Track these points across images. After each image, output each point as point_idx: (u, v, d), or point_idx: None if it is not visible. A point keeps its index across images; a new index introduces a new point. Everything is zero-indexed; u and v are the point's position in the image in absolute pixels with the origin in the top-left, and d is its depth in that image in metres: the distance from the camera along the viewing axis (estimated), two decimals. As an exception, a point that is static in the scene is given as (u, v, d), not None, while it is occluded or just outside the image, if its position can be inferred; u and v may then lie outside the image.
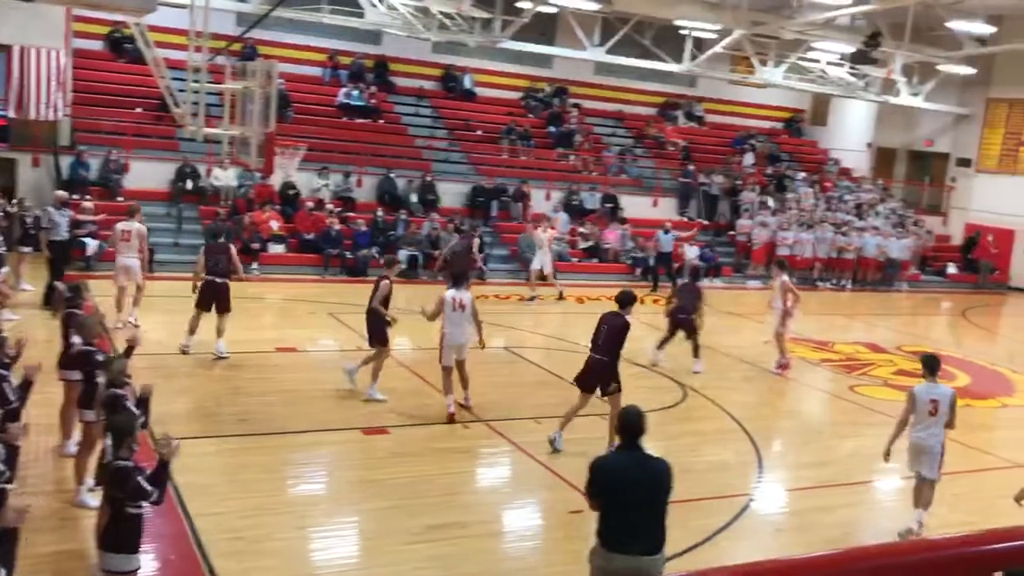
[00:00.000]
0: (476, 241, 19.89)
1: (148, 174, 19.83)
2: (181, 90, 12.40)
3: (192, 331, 12.42)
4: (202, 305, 12.48)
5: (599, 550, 5.45)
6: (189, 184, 19.77)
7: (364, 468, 8.86)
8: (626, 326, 9.74)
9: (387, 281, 11.15)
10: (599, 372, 9.68)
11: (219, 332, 12.40)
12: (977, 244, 26.81)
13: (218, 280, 12.44)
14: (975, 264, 26.66)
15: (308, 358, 13.38)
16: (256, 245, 18.74)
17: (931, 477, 8.35)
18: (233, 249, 12.90)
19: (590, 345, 9.88)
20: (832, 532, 8.38)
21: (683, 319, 13.60)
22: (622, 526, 5.36)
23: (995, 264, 26.55)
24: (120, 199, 19.06)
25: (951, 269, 26.66)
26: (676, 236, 21.93)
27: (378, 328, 11.09)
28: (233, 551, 6.97)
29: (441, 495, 8.36)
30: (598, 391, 9.73)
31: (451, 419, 10.31)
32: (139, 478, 5.55)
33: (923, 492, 8.38)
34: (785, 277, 14.31)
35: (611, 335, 9.70)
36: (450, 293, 10.52)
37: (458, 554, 7.27)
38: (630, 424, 5.59)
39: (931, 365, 8.58)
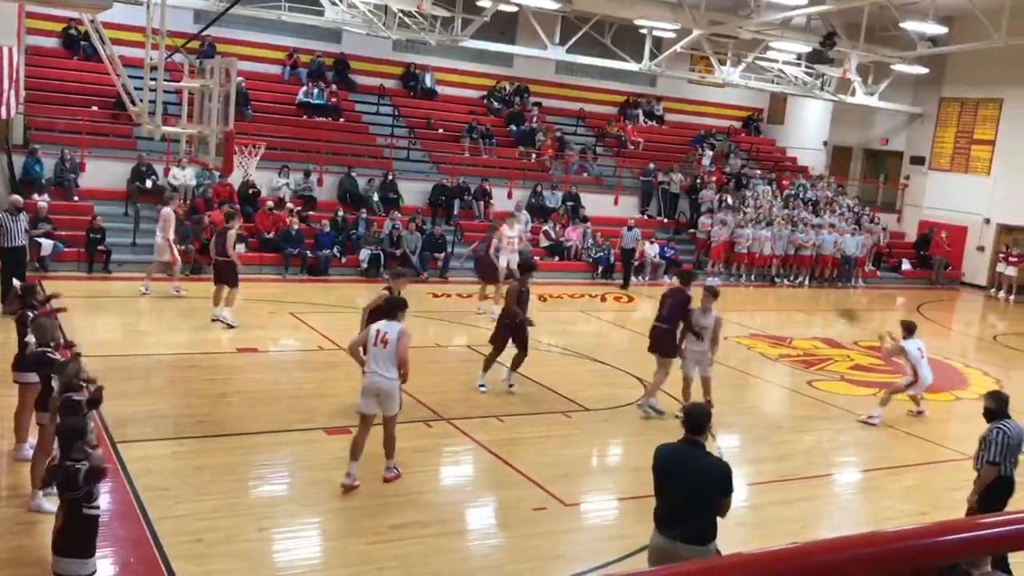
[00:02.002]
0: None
1: (104, 173, 19.54)
2: (138, 88, 12.24)
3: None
4: None
5: (654, 527, 5.87)
6: (147, 183, 19.52)
7: (326, 468, 8.82)
8: (688, 299, 11.46)
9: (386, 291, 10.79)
10: (661, 338, 11.36)
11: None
12: (931, 241, 27.30)
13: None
14: (929, 260, 27.15)
15: (269, 358, 13.29)
16: (214, 244, 18.51)
17: None
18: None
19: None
20: (792, 525, 8.52)
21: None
22: (661, 509, 5.81)
23: (948, 260, 27.07)
24: (76, 199, 18.80)
25: (906, 265, 27.13)
26: (639, 234, 22.06)
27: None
28: (194, 554, 6.91)
29: (404, 494, 8.36)
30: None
31: (346, 490, 8.26)
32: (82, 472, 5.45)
33: None
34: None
35: (674, 306, 11.41)
36: (377, 325, 8.48)
37: (422, 553, 7.27)
38: (690, 419, 5.92)
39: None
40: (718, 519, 5.70)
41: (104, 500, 7.19)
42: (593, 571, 7.23)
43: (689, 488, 5.70)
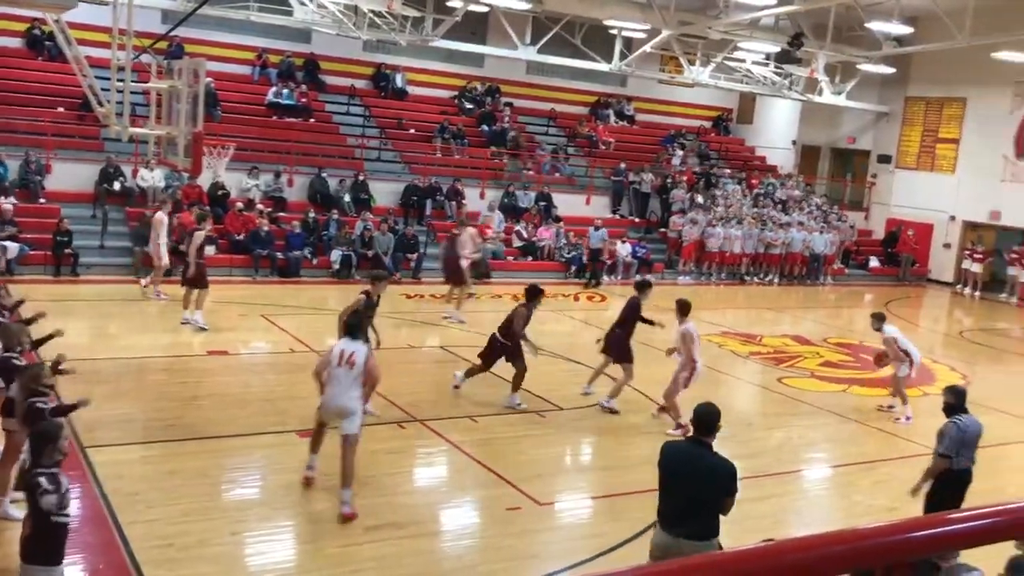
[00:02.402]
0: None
1: (71, 175, 19.29)
2: (105, 89, 12.10)
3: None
4: None
5: (657, 524, 5.99)
6: (115, 185, 19.30)
7: (299, 471, 8.75)
8: (638, 305, 11.95)
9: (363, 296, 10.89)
10: (613, 343, 11.87)
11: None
12: (898, 238, 27.64)
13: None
14: (896, 257, 27.49)
15: (240, 361, 13.19)
16: (184, 246, 18.36)
17: None
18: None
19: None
20: (764, 522, 8.58)
21: None
22: (663, 506, 5.90)
23: (915, 257, 27.41)
24: (42, 201, 18.56)
25: (873, 263, 27.44)
26: (606, 234, 22.10)
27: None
28: (165, 559, 6.85)
29: (378, 496, 8.33)
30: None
31: (306, 482, 8.34)
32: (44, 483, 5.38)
33: None
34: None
35: (626, 311, 11.98)
36: (339, 344, 8.18)
37: (396, 555, 7.25)
38: (698, 418, 6.06)
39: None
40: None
41: (73, 506, 7.10)
42: (567, 570, 7.25)
43: (695, 487, 5.77)
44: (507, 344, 11.34)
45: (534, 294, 11.81)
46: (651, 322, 12.18)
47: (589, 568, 7.19)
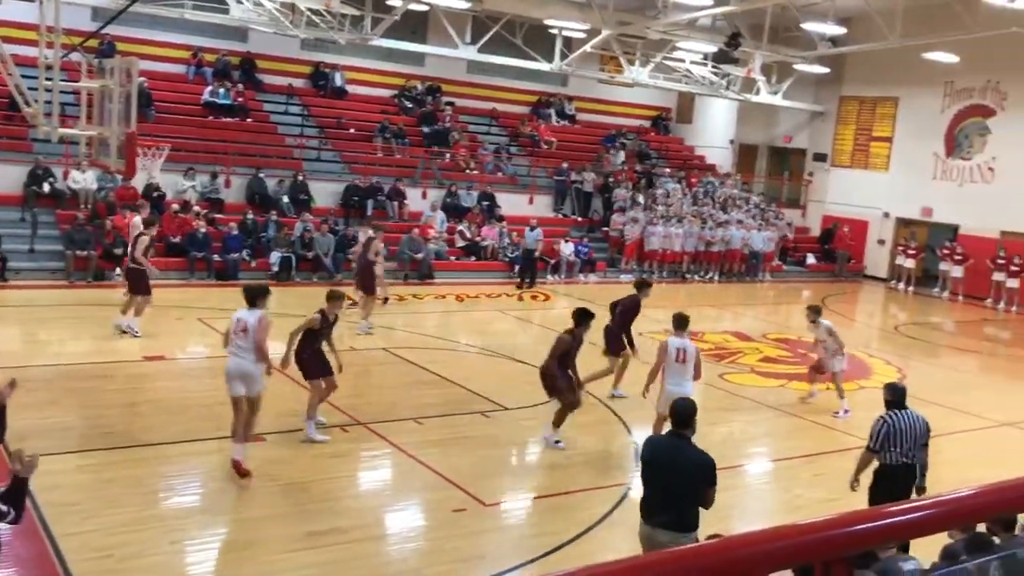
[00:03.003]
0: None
1: (-2, 177, 18.75)
2: (32, 88, 11.75)
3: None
4: None
5: (640, 519, 6.19)
6: (45, 187, 18.79)
7: (239, 477, 8.63)
8: (638, 304, 12.23)
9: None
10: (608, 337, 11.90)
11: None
12: (834, 235, 28.21)
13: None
14: (833, 254, 28.05)
15: (177, 366, 12.93)
16: (119, 250, 17.98)
17: None
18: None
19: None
20: (708, 517, 8.65)
21: None
22: (645, 498, 6.14)
23: (851, 254, 28.01)
24: (-33, 204, 18.00)
25: (810, 259, 27.98)
26: (541, 234, 21.99)
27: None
28: (103, 570, 6.68)
29: (320, 501, 8.23)
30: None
31: (241, 473, 8.48)
32: None
33: None
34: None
35: (623, 310, 12.06)
36: (236, 314, 8.75)
37: (339, 560, 7.17)
38: (676, 413, 6.22)
39: None
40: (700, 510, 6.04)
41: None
42: (514, 570, 7.24)
43: (674, 478, 5.98)
44: (546, 374, 10.12)
45: (583, 319, 10.03)
46: (631, 342, 12.22)
47: (536, 568, 7.18)
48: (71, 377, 11.55)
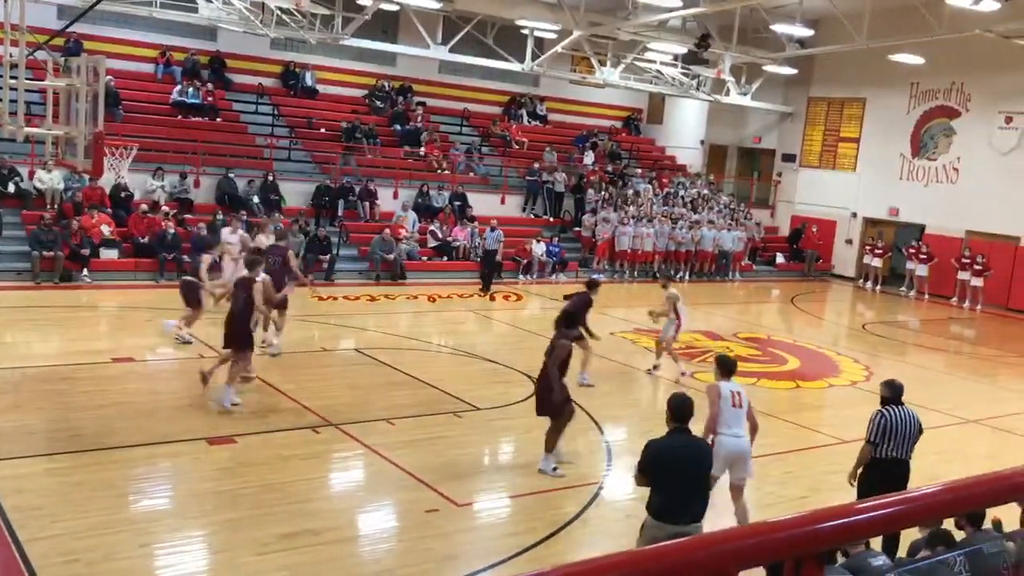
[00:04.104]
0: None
1: (-38, 177, 18.46)
2: (-3, 87, 11.59)
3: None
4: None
5: (652, 522, 6.12)
6: (10, 187, 18.53)
7: (210, 479, 8.57)
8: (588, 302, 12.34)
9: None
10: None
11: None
12: (803, 235, 28.48)
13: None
14: (801, 254, 28.32)
15: (146, 368, 12.80)
16: (86, 251, 17.78)
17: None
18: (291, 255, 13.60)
19: None
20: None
21: None
22: (675, 499, 6.08)
23: (819, 253, 28.29)
24: (-70, 204, 17.72)
25: (779, 259, 28.24)
26: (502, 235, 21.93)
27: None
28: (71, 575, 6.60)
29: (292, 503, 8.19)
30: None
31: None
32: None
33: None
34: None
35: (574, 309, 11.45)
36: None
37: (311, 562, 7.13)
38: (677, 408, 6.25)
39: None
40: None
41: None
42: (487, 570, 7.24)
43: (696, 472, 6.15)
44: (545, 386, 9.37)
45: (572, 321, 9.94)
46: (590, 332, 12.33)
47: (509, 568, 7.19)
48: (38, 380, 11.40)
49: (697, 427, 6.51)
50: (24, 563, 6.69)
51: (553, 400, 9.17)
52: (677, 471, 6.12)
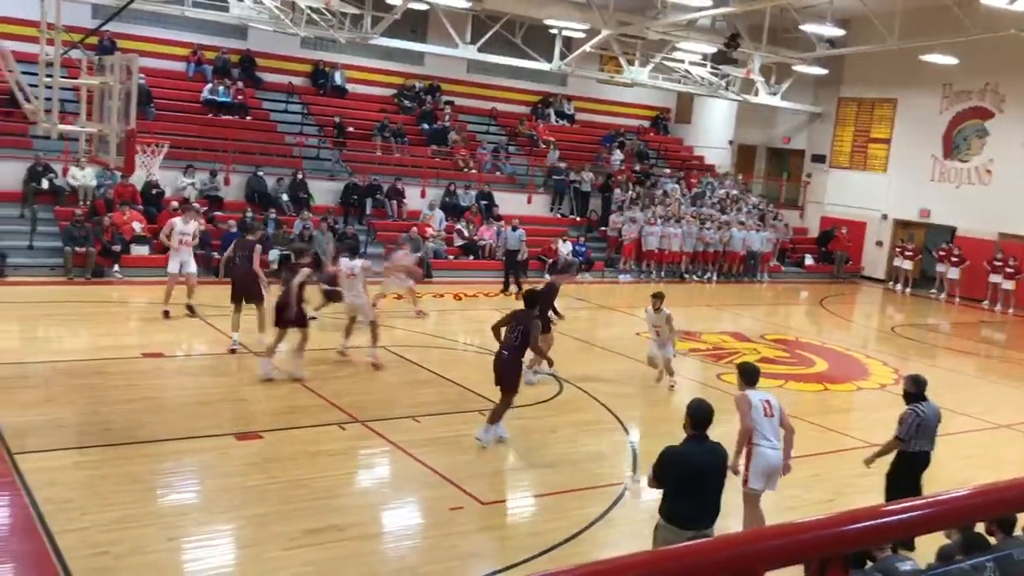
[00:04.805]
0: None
1: (-2, 173, 18.74)
2: (33, 85, 11.74)
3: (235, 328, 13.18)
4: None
5: (667, 526, 6.12)
6: (44, 184, 18.78)
7: (237, 474, 8.65)
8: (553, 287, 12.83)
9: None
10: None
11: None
12: (832, 236, 28.23)
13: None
14: (831, 255, 28.08)
15: (176, 363, 12.93)
16: (118, 247, 18.00)
17: None
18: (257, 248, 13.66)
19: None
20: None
21: None
22: (693, 505, 6.08)
23: (849, 255, 28.04)
24: (-34, 200, 18.00)
25: (809, 260, 28.00)
26: (524, 235, 21.92)
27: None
28: (99, 567, 6.68)
29: (318, 499, 8.24)
30: None
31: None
32: None
33: None
34: None
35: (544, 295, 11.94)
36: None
37: (336, 558, 7.18)
38: (701, 415, 6.26)
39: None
40: None
41: (1, 515, 6.90)
42: (509, 569, 7.25)
43: (712, 480, 6.15)
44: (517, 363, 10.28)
45: (534, 300, 10.67)
46: (557, 313, 12.77)
47: (531, 567, 7.20)
48: (69, 374, 11.55)
49: (714, 434, 6.45)
50: (55, 554, 6.79)
51: (516, 379, 10.13)
52: (693, 479, 6.10)
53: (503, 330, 10.12)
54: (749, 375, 7.90)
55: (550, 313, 12.86)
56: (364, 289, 13.05)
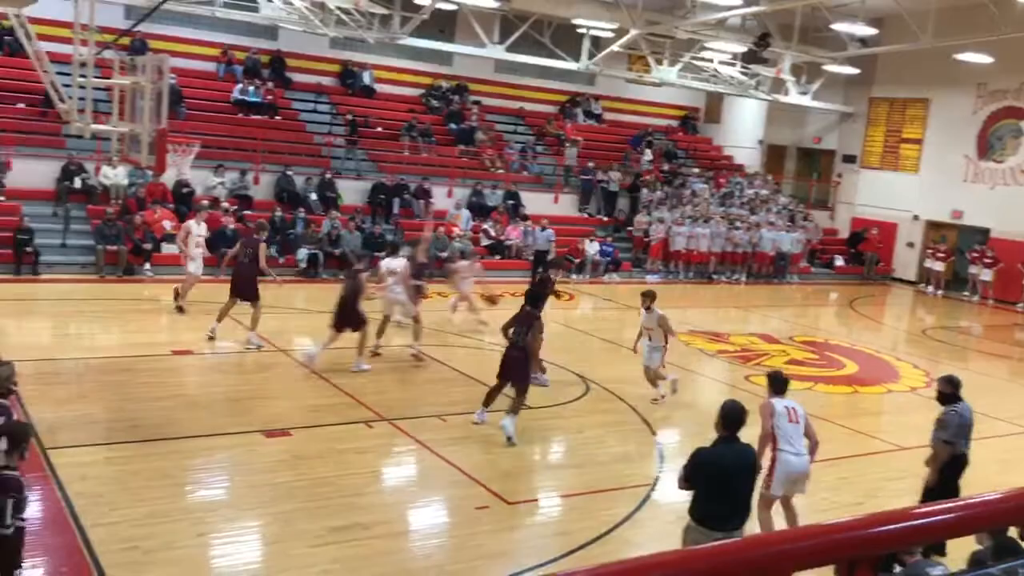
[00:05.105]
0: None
1: (32, 172, 18.96)
2: (67, 85, 11.91)
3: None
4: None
5: (697, 528, 6.10)
6: (77, 183, 19.03)
7: (265, 471, 8.71)
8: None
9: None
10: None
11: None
12: (863, 237, 27.95)
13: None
14: (861, 256, 27.80)
15: (205, 360, 13.05)
16: (148, 245, 18.20)
17: None
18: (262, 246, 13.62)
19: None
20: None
21: None
22: (723, 507, 6.07)
23: (879, 256, 27.74)
24: (2, 199, 18.25)
25: (839, 261, 27.74)
26: (553, 235, 21.90)
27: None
28: (129, 561, 6.75)
29: (345, 496, 8.28)
30: None
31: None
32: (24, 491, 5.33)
33: None
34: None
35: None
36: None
37: (363, 555, 7.21)
38: (733, 416, 6.23)
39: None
40: None
41: (34, 508, 6.99)
42: (535, 568, 7.24)
43: (747, 481, 6.18)
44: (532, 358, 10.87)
45: (538, 299, 11.19)
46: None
47: (558, 567, 7.19)
48: (100, 371, 11.70)
49: (744, 436, 6.41)
50: (86, 547, 6.88)
51: (529, 371, 10.51)
52: (723, 480, 6.09)
53: (511, 330, 10.41)
54: (777, 383, 7.85)
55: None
56: (405, 288, 13.19)
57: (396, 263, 13.37)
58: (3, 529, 5.27)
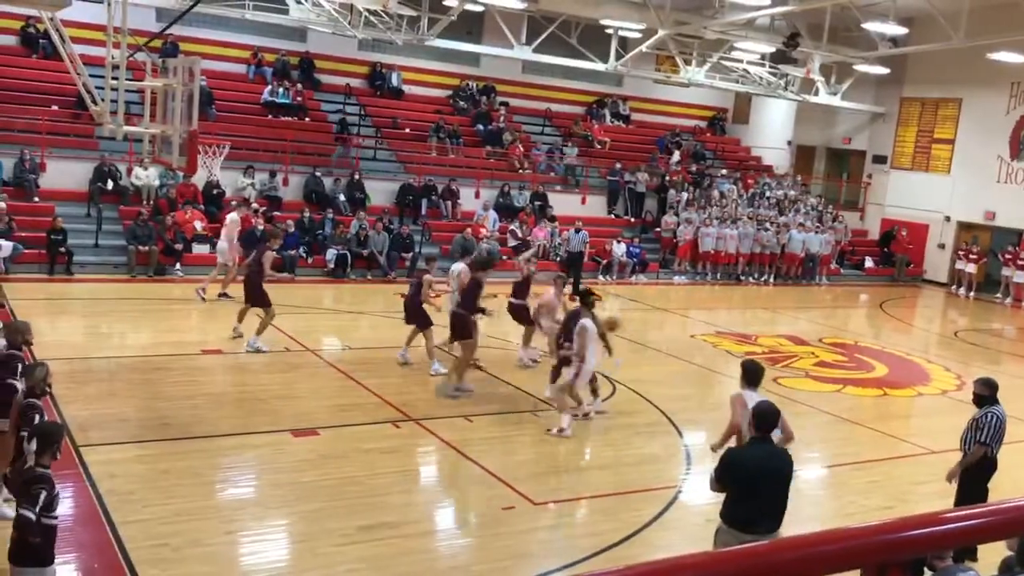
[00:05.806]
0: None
1: (66, 173, 19.25)
2: (99, 87, 12.05)
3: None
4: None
5: (728, 530, 6.06)
6: (109, 184, 19.27)
7: (293, 470, 8.77)
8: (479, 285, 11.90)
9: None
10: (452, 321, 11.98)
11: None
12: (893, 239, 27.66)
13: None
14: (891, 258, 27.52)
15: (234, 360, 13.15)
16: (179, 246, 18.39)
17: None
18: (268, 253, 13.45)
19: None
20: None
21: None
22: (755, 510, 6.01)
23: (910, 258, 27.44)
24: (36, 199, 18.51)
25: (869, 263, 27.48)
26: (587, 236, 21.83)
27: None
28: (159, 558, 6.83)
29: (372, 495, 8.32)
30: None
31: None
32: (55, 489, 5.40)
33: None
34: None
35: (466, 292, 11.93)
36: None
37: (390, 554, 7.24)
38: (765, 418, 6.14)
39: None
40: None
41: (66, 505, 7.09)
42: (562, 570, 7.24)
43: (781, 484, 6.08)
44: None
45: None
46: (483, 310, 11.86)
47: (585, 568, 7.18)
48: (131, 369, 11.83)
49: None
50: (117, 544, 6.96)
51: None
52: (756, 482, 6.04)
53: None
54: (752, 375, 7.69)
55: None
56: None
57: (456, 267, 12.96)
58: (48, 518, 5.36)
